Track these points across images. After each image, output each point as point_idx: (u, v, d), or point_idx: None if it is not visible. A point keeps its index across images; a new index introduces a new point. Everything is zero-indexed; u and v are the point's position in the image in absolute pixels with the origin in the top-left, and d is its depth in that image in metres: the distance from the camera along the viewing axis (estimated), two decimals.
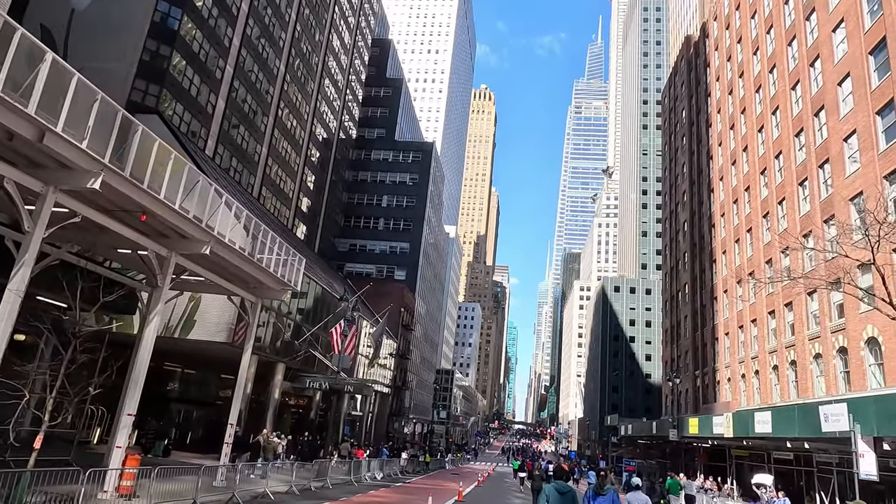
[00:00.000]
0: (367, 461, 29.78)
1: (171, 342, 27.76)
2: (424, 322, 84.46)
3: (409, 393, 71.52)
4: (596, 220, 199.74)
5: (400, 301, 61.83)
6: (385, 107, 76.28)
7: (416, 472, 41.11)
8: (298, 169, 51.82)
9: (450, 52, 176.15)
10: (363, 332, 45.89)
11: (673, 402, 55.61)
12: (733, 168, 45.05)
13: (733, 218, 44.16)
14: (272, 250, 17.73)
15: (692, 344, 51.81)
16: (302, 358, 34.12)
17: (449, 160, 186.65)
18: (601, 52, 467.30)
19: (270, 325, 30.79)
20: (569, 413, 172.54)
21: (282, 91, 46.83)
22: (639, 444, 58.42)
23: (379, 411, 56.97)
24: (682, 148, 60.75)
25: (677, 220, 60.49)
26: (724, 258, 45.65)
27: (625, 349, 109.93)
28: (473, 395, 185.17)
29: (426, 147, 75.82)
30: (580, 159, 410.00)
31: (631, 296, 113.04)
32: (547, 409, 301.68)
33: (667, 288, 63.42)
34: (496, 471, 58.95)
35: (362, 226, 71.40)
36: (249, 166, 42.74)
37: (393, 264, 69.85)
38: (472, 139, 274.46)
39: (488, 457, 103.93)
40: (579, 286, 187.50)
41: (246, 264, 16.38)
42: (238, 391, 18.28)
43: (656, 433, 44.48)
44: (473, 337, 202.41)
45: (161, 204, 12.20)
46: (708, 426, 32.38)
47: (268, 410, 31.49)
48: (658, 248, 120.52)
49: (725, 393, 42.40)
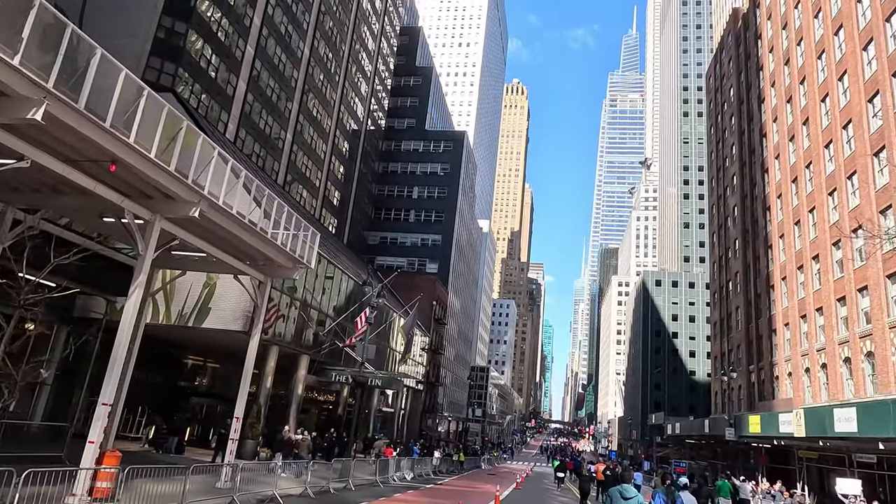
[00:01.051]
0: (396, 460, 27.61)
1: (187, 332, 26.18)
2: (458, 317, 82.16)
3: (442, 389, 69.31)
4: (634, 213, 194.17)
5: (432, 294, 59.65)
6: (415, 96, 74.15)
7: (449, 472, 38.81)
8: (325, 157, 50.10)
9: (481, 45, 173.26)
10: (395, 327, 43.88)
11: (724, 399, 51.94)
12: (791, 144, 41.34)
13: (792, 199, 40.48)
14: (278, 223, 15.61)
15: (745, 337, 48.13)
16: (327, 350, 32.21)
17: (481, 155, 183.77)
18: (636, 43, 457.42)
19: (292, 315, 28.91)
20: (608, 412, 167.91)
21: (306, 75, 45.11)
22: (687, 443, 54.88)
23: (411, 408, 54.91)
24: (730, 129, 56.86)
25: (726, 206, 56.64)
26: (782, 243, 41.98)
27: (667, 345, 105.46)
28: (509, 393, 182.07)
29: (458, 136, 73.45)
30: (616, 153, 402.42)
31: (673, 290, 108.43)
32: (585, 407, 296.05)
33: (715, 279, 59.58)
34: (534, 471, 56.22)
35: (392, 218, 69.50)
36: (273, 153, 41.11)
37: (424, 257, 67.75)
38: (505, 134, 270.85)
39: (525, 456, 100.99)
40: (617, 282, 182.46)
41: (248, 234, 14.30)
42: (245, 381, 16.26)
43: (709, 432, 41.13)
44: (508, 334, 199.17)
45: (132, 151, 10.13)
46: (772, 425, 29.14)
47: (291, 406, 29.63)
48: (702, 240, 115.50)
49: (786, 389, 38.82)
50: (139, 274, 11.66)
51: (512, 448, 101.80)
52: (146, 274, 11.84)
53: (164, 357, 30.61)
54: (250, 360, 16.51)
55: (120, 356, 11.15)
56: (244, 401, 16.00)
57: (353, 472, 22.60)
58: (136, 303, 11.50)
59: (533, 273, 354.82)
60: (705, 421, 43.53)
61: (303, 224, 16.83)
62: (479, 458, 54.32)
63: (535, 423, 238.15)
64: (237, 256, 16.17)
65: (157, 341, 29.57)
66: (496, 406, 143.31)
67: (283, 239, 15.91)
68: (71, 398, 20.22)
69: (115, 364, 11.08)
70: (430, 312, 59.08)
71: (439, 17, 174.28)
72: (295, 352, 29.62)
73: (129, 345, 17.16)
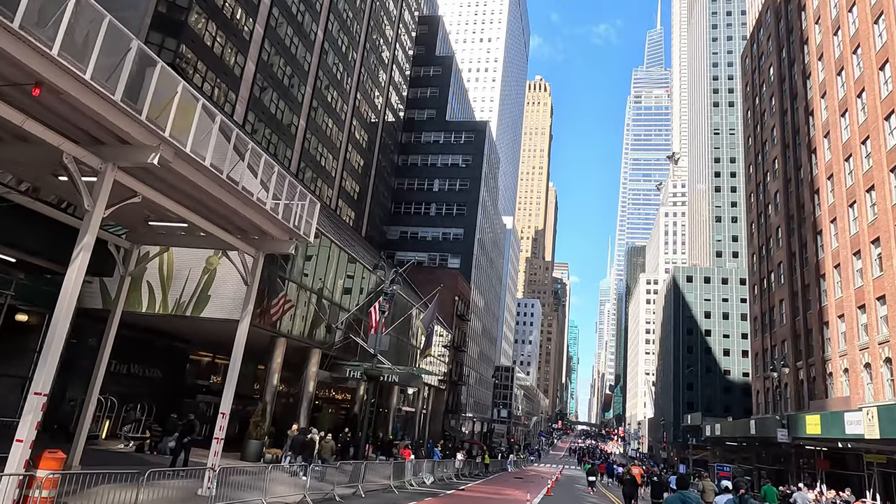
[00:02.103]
0: (414, 463, 25.23)
1: (186, 323, 24.21)
2: (481, 314, 79.57)
3: (465, 389, 66.78)
4: (662, 209, 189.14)
5: (454, 289, 57.23)
6: (435, 86, 71.81)
7: (473, 475, 36.30)
8: (341, 146, 48.06)
9: (502, 40, 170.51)
10: (414, 322, 41.59)
11: (768, 399, 48.46)
12: (843, 119, 37.95)
13: (845, 179, 37.08)
14: (267, 186, 13.34)
15: (791, 331, 44.69)
16: (341, 345, 30.04)
17: (504, 152, 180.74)
18: (660, 38, 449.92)
19: (303, 306, 26.78)
20: (637, 413, 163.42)
21: (320, 59, 43.09)
22: (727, 446, 51.47)
23: (434, 408, 52.54)
24: (769, 110, 53.33)
25: (766, 193, 53.10)
26: (834, 227, 38.58)
27: (700, 344, 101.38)
28: (535, 394, 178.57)
29: (479, 126, 70.92)
30: (641, 150, 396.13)
31: (705, 286, 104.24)
32: (612, 409, 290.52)
33: (754, 271, 56.02)
34: (564, 474, 53.37)
35: (413, 212, 67.24)
36: (286, 138, 39.13)
37: (446, 252, 65.36)
38: (528, 132, 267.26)
39: (552, 458, 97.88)
40: (645, 279, 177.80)
41: (229, 196, 12.07)
42: (232, 371, 14.05)
43: (756, 433, 37.90)
44: (534, 334, 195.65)
45: (60, 70, 7.91)
46: (837, 425, 26.01)
47: (301, 404, 27.47)
48: (734, 235, 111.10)
49: (841, 386, 35.46)
50: (84, 234, 9.44)
51: (539, 450, 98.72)
52: (93, 235, 9.62)
53: (168, 351, 28.75)
54: (238, 346, 14.29)
55: (58, 336, 8.94)
56: (231, 395, 13.78)
57: (363, 476, 20.29)
58: (79, 270, 9.27)
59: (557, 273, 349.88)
60: (750, 422, 40.25)
61: (298, 190, 14.54)
62: (504, 461, 51.70)
63: (562, 425, 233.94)
64: (225, 228, 13.96)
65: (159, 334, 27.75)
66: (522, 407, 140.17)
67: (274, 205, 13.64)
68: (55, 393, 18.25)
69: (52, 346, 8.88)
70: (452, 308, 56.67)
71: (460, 12, 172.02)
72: (306, 345, 27.47)
73: (108, 331, 15.13)
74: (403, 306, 39.10)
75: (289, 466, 21.72)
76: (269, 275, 24.27)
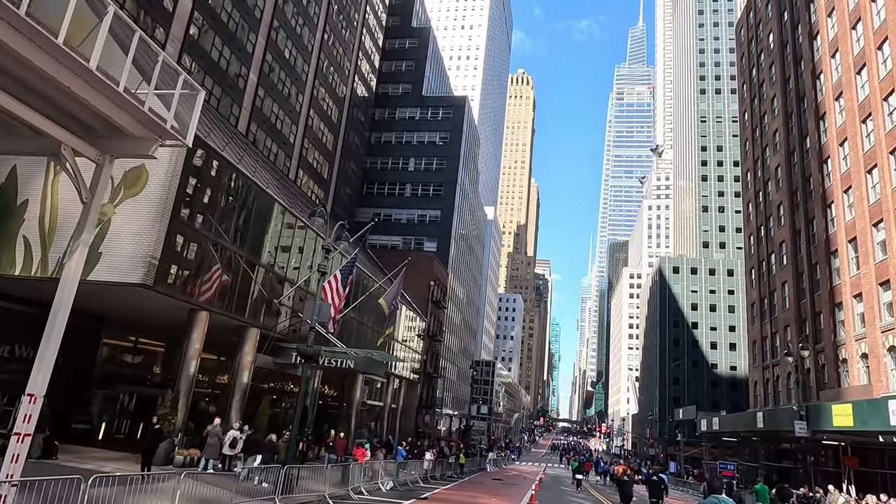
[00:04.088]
0: (367, 465, 20.58)
1: None
2: (461, 305, 75.01)
3: (442, 382, 62.18)
4: (645, 202, 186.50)
5: (429, 273, 52.60)
6: (411, 59, 67.01)
7: (446, 477, 31.73)
8: (302, 110, 43.11)
9: (485, 28, 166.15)
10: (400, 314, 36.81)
11: (768, 390, 44.64)
12: (859, 77, 34.04)
13: (862, 142, 33.16)
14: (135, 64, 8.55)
15: (795, 316, 40.83)
16: (290, 325, 25.29)
17: (486, 144, 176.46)
18: (643, 35, 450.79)
19: (236, 274, 21.98)
20: (620, 409, 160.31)
21: (275, 7, 38.12)
22: (724, 442, 47.55)
23: (406, 403, 47.86)
24: (769, 80, 49.53)
25: (765, 169, 49.30)
26: (847, 198, 34.71)
27: (687, 336, 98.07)
28: (517, 390, 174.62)
29: (458, 102, 66.29)
30: (623, 147, 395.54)
31: (692, 277, 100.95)
32: (594, 406, 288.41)
33: (751, 254, 52.23)
34: (548, 473, 49.08)
35: (386, 192, 62.44)
36: (232, 92, 34.11)
37: (422, 235, 60.69)
38: (510, 125, 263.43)
39: (534, 456, 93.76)
40: (629, 273, 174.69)
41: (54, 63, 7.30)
42: (47, 342, 9.24)
43: (765, 427, 33.83)
44: (515, 330, 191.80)
45: None
46: (878, 415, 21.88)
47: (233, 396, 22.61)
48: (721, 224, 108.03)
49: (858, 373, 31.54)
50: None
51: (520, 447, 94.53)
52: None
53: (71, 331, 23.65)
54: (65, 293, 9.52)
55: None
56: (43, 375, 9.01)
57: (297, 483, 15.60)
58: None
59: (539, 269, 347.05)
60: (758, 414, 36.19)
61: (176, 69, 9.78)
62: (483, 460, 47.24)
63: (544, 422, 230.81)
64: (54, 118, 9.15)
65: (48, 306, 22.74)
66: (503, 403, 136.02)
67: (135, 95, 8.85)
68: None
69: None
70: (427, 294, 52.04)
71: None
72: (240, 323, 22.64)
73: None
74: (366, 287, 34.39)
75: (206, 470, 16.99)
76: (201, 242, 19.50)
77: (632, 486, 22.29)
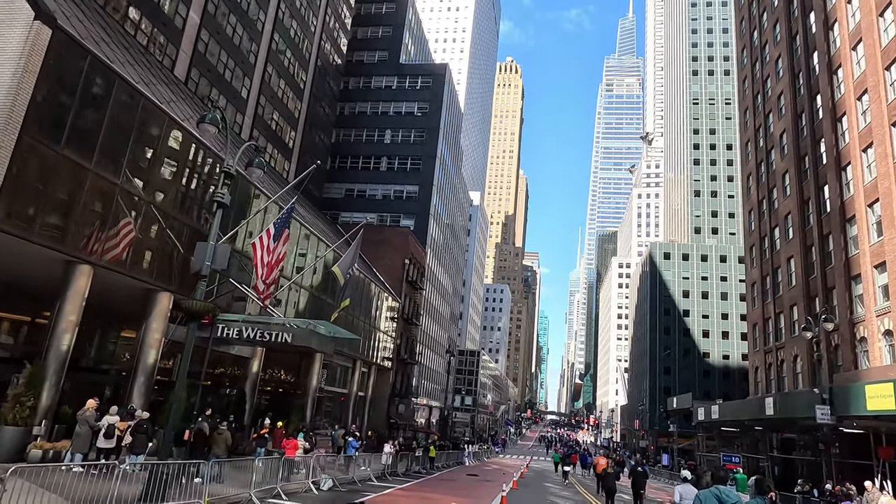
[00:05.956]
0: (302, 461, 16.32)
1: None
2: (441, 289, 70.75)
3: (418, 370, 57.95)
4: (635, 190, 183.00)
5: (404, 251, 48.25)
6: (387, 25, 62.33)
7: (412, 472, 27.57)
8: (257, 62, 38.48)
9: (471, 10, 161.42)
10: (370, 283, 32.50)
11: (771, 375, 40.90)
12: (882, 18, 30.07)
13: (885, 93, 29.22)
14: None
15: (804, 293, 37.00)
16: (216, 293, 20.89)
17: (473, 131, 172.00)
18: (633, 26, 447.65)
19: (150, 230, 17.59)
20: (608, 401, 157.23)
21: None
22: (723, 433, 43.80)
23: (376, 391, 43.59)
24: (772, 40, 45.59)
25: (768, 137, 45.42)
26: (866, 157, 30.83)
27: (678, 325, 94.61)
28: (504, 382, 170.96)
29: (438, 70, 61.75)
30: (612, 139, 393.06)
31: (684, 263, 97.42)
32: (582, 398, 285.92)
33: (752, 230, 48.40)
34: (532, 467, 45.11)
35: (361, 167, 57.92)
36: (167, 31, 29.46)
37: (398, 212, 56.28)
38: (498, 114, 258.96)
39: (520, 449, 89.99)
40: (618, 263, 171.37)
41: None
42: None
43: (775, 414, 29.89)
44: (503, 321, 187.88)
45: None
46: None
47: (136, 379, 18.21)
48: (713, 209, 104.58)
49: (879, 353, 27.75)
50: None
51: (505, 440, 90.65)
52: None
53: None
54: None
55: None
56: None
57: (207, 484, 11.35)
58: None
59: (528, 261, 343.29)
60: (765, 400, 32.26)
61: None
62: (461, 453, 43.14)
63: (532, 414, 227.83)
64: None
65: None
66: (490, 395, 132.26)
67: None
68: None
69: None
70: (401, 273, 47.71)
71: None
72: (145, 286, 18.22)
73: None
74: (329, 262, 30.04)
75: (75, 465, 12.61)
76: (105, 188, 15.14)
77: (615, 478, 21.21)
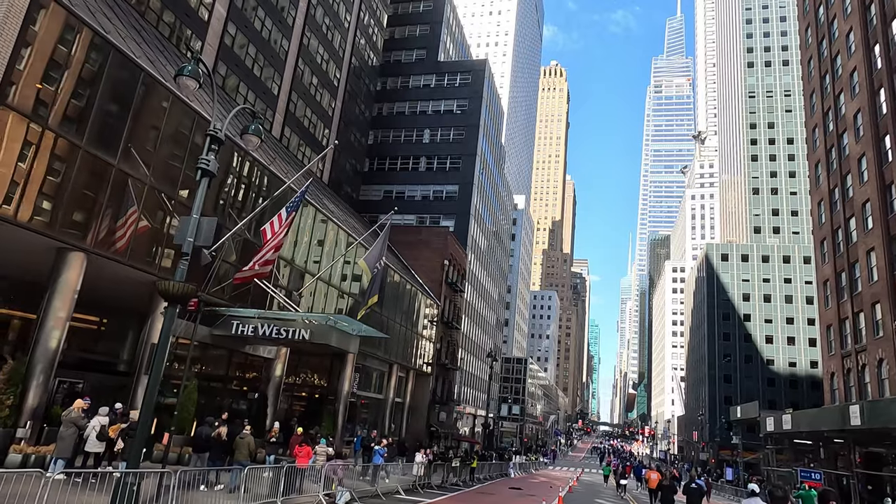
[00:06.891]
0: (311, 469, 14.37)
1: None
2: (484, 293, 68.38)
3: (460, 376, 55.64)
4: (688, 192, 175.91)
5: (443, 251, 46.25)
6: (425, 23, 60.93)
7: (450, 486, 25.30)
8: (287, 58, 37.44)
9: (514, 13, 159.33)
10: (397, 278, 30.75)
11: (850, 382, 36.68)
12: None
13: None
14: None
15: (888, 289, 32.91)
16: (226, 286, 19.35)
17: (517, 135, 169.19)
18: (681, 25, 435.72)
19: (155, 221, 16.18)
20: (664, 411, 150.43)
21: None
22: (795, 445, 39.65)
23: (416, 398, 41.61)
24: (842, 13, 41.60)
25: (839, 120, 41.33)
26: None
27: (738, 330, 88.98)
28: (553, 391, 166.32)
29: (477, 66, 59.79)
30: (662, 141, 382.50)
31: (743, 265, 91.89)
32: (636, 408, 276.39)
33: (822, 223, 44.17)
34: (582, 480, 42.06)
35: (399, 167, 56.41)
36: (190, 21, 28.54)
37: (437, 213, 54.41)
38: (543, 119, 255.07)
39: (571, 460, 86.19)
40: (671, 267, 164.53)
41: None
42: None
43: (863, 424, 26.11)
44: (551, 328, 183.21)
45: None
46: None
47: (139, 377, 16.74)
48: (774, 208, 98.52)
49: None
50: None
51: (555, 451, 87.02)
52: None
53: None
54: None
55: None
56: None
57: (167, 498, 9.49)
58: None
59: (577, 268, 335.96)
60: (850, 408, 28.40)
61: None
62: (506, 465, 40.56)
63: (583, 425, 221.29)
64: None
65: None
66: (539, 404, 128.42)
67: None
68: None
69: None
70: (441, 275, 45.70)
71: None
72: (148, 276, 16.79)
73: None
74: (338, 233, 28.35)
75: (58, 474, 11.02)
76: (114, 175, 13.83)
77: (673, 492, 19.91)
